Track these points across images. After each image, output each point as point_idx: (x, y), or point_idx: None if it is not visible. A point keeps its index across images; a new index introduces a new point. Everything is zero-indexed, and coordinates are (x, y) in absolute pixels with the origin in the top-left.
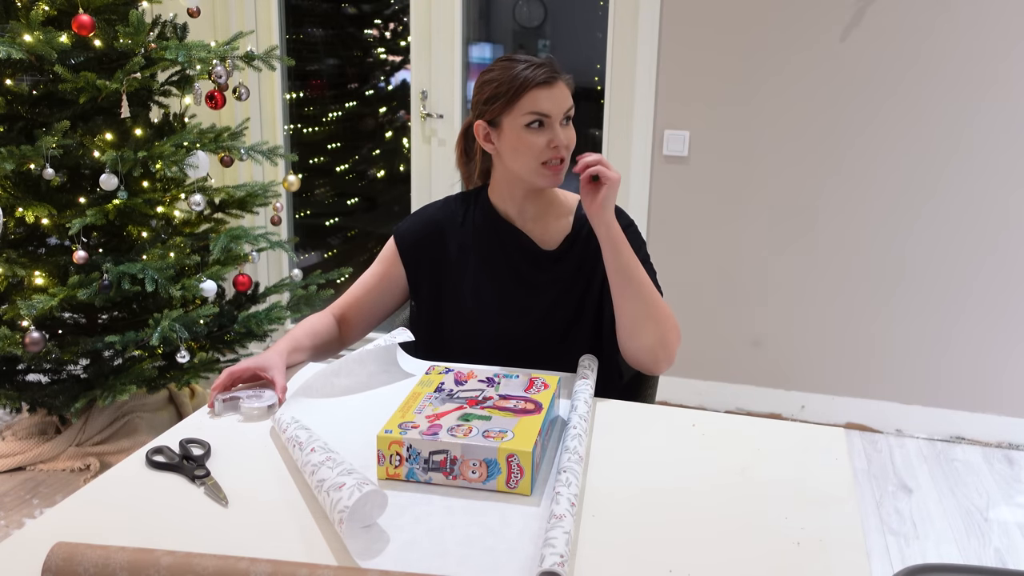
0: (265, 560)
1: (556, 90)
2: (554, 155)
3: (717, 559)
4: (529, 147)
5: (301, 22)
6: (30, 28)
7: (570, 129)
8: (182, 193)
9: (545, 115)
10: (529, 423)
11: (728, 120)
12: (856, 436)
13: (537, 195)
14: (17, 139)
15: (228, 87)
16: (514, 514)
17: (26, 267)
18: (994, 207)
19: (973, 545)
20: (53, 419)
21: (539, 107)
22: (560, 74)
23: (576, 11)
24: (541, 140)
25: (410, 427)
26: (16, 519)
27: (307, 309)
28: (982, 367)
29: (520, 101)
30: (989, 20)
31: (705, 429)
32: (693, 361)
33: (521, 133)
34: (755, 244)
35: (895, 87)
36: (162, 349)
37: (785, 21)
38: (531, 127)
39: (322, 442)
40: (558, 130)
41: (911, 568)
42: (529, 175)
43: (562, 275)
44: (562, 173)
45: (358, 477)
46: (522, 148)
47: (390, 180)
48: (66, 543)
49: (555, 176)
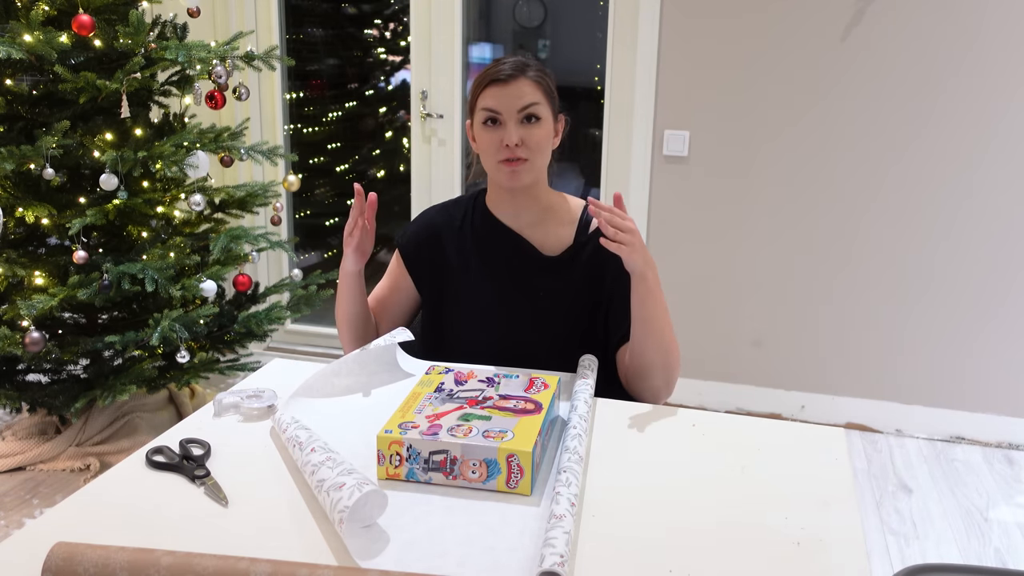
0: (265, 560)
1: (510, 88)
2: (507, 154)
3: (717, 559)
4: (486, 145)
5: (301, 22)
6: (30, 28)
7: (530, 128)
8: (182, 193)
9: (495, 112)
10: (529, 423)
11: (728, 120)
12: (856, 436)
13: (532, 200)
14: (17, 139)
15: (228, 87)
16: (514, 514)
17: (26, 267)
18: (994, 207)
19: (973, 545)
20: (53, 419)
21: (487, 104)
22: (525, 72)
23: (576, 11)
24: (495, 138)
25: (410, 427)
26: (16, 519)
27: (307, 309)
28: (982, 367)
29: (478, 99)
30: (990, 19)
31: (705, 429)
32: (693, 361)
33: (480, 131)
34: (755, 244)
35: (895, 87)
36: (162, 349)
37: (785, 21)
38: (486, 125)
39: (322, 442)
40: (509, 128)
41: (911, 568)
42: (493, 173)
43: (564, 283)
44: (522, 172)
45: (358, 477)
46: (482, 146)
47: (390, 180)
48: (66, 543)
49: (512, 175)
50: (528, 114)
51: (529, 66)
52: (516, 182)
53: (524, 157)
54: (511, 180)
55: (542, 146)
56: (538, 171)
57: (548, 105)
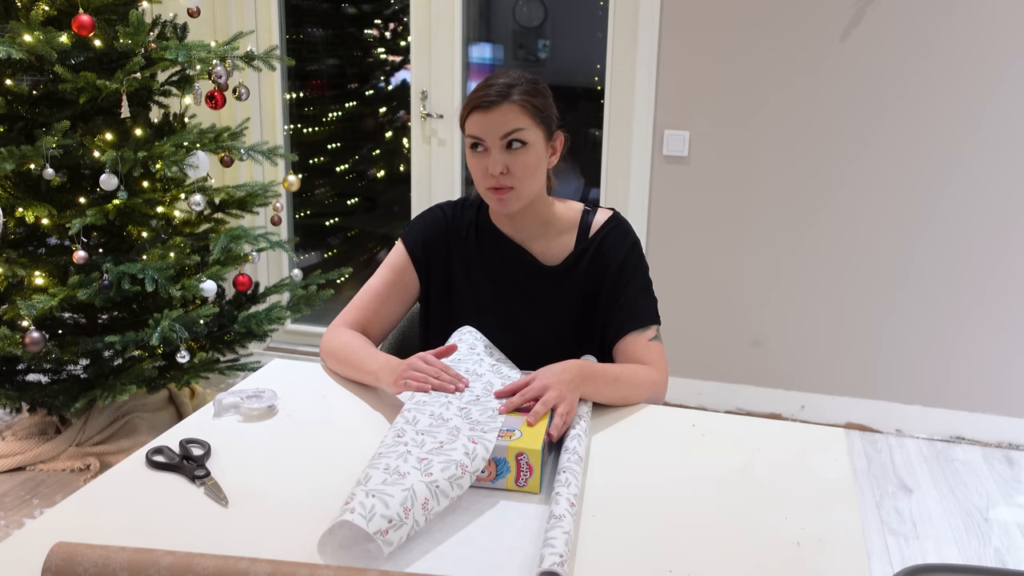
0: (265, 560)
1: (492, 114)
2: (492, 182)
3: (717, 559)
4: (474, 170)
5: (301, 22)
6: (30, 28)
7: (515, 154)
8: (182, 193)
9: (479, 139)
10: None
11: (728, 120)
12: (856, 436)
13: (531, 215)
14: (17, 139)
15: (228, 87)
16: (513, 514)
17: (26, 267)
18: (994, 207)
19: (973, 545)
20: (53, 419)
21: (472, 131)
22: (509, 97)
23: (576, 11)
24: (481, 164)
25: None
26: (16, 519)
27: (307, 309)
28: (982, 367)
29: (465, 124)
30: (989, 19)
31: (705, 429)
32: (693, 361)
33: (468, 155)
34: (755, 244)
35: (895, 87)
36: (162, 349)
37: (785, 21)
38: (473, 149)
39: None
40: (494, 155)
41: (911, 568)
42: (484, 198)
43: (567, 291)
44: (509, 200)
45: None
46: (471, 171)
47: (390, 180)
48: (66, 543)
49: (499, 203)
50: (511, 140)
51: (515, 88)
52: (504, 209)
53: (510, 185)
54: (499, 207)
55: (528, 171)
56: (526, 197)
57: (537, 127)
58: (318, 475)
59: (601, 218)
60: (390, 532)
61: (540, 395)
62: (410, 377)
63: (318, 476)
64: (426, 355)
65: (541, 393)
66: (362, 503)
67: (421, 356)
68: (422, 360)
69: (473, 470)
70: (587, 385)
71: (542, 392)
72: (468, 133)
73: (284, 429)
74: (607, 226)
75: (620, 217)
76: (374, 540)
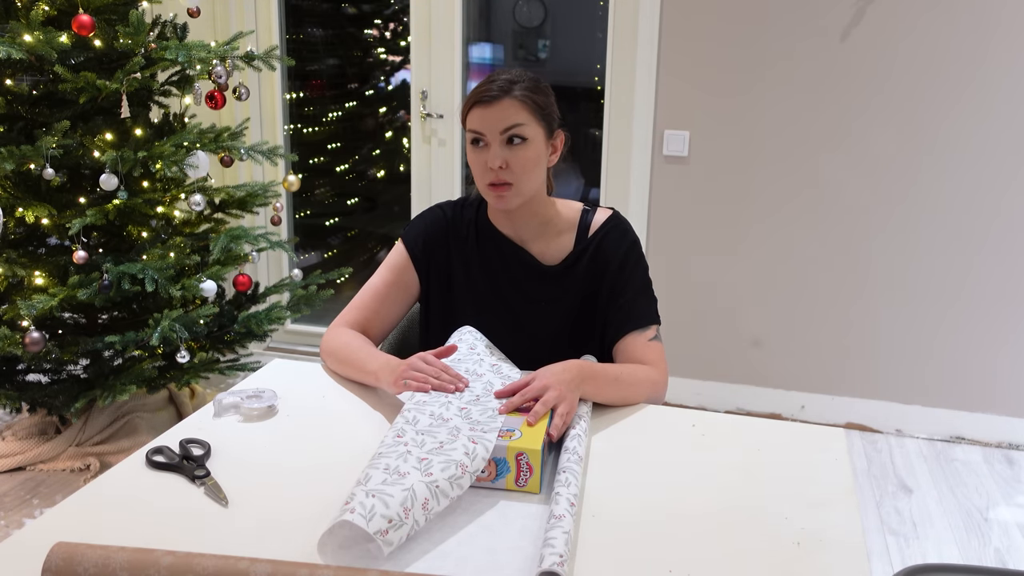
0: (265, 560)
1: (492, 109)
2: (491, 177)
3: (717, 559)
4: (474, 166)
5: (301, 22)
6: (30, 28)
7: (514, 149)
8: (182, 193)
9: (479, 133)
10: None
11: (728, 120)
12: (856, 436)
13: (529, 214)
14: (17, 139)
15: (228, 87)
16: (514, 514)
17: (26, 267)
18: (994, 207)
19: (973, 545)
20: (53, 419)
21: (472, 125)
22: (511, 92)
23: (576, 11)
24: (481, 159)
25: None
26: (16, 519)
27: (307, 309)
28: (982, 367)
29: (466, 119)
30: (989, 19)
31: (705, 429)
32: (693, 361)
33: (469, 151)
34: (755, 244)
35: (895, 87)
36: (162, 349)
37: (785, 21)
38: (473, 145)
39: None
40: (493, 150)
41: (911, 568)
42: (483, 194)
43: (566, 291)
44: (508, 197)
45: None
46: (471, 167)
47: (390, 180)
48: (66, 543)
49: (498, 200)
50: (512, 135)
51: (517, 84)
52: (503, 206)
53: (509, 181)
54: (498, 204)
55: (528, 168)
56: (526, 194)
57: (538, 124)
58: (318, 475)
59: (600, 218)
60: (390, 532)
61: (540, 395)
62: (410, 377)
63: (318, 476)
64: (426, 355)
65: (541, 393)
66: (362, 503)
67: (421, 356)
68: (422, 360)
69: (473, 470)
70: (587, 385)
71: (542, 392)
72: (469, 128)
73: (284, 429)
74: (606, 226)
75: (620, 217)
76: (374, 540)
